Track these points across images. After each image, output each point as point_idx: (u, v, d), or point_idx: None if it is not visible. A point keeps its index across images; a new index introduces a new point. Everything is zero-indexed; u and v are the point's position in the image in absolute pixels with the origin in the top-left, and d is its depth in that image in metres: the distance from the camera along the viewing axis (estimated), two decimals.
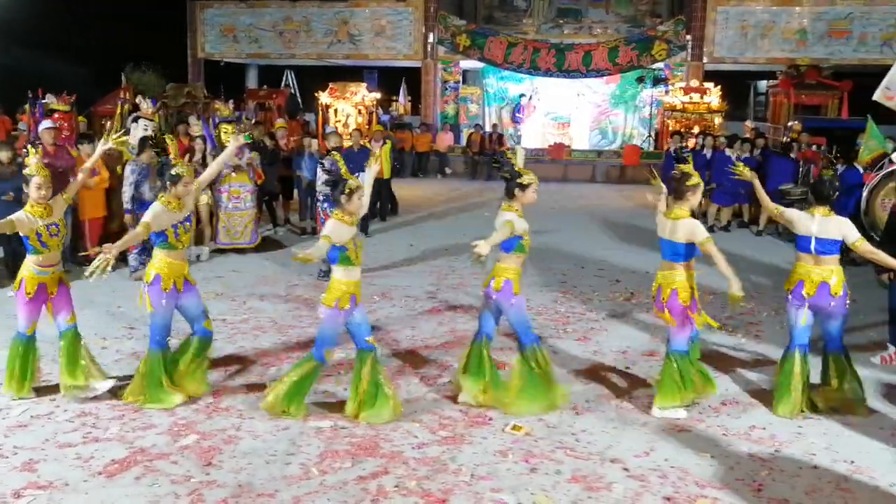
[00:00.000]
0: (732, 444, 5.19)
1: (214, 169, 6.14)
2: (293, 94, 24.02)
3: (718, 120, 20.93)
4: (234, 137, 6.40)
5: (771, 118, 21.80)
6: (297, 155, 12.78)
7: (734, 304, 5.53)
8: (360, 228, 5.64)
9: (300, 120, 20.40)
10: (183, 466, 4.73)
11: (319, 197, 9.55)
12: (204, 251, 10.45)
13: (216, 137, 11.00)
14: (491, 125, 24.01)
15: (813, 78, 20.69)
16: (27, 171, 5.57)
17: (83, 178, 6.05)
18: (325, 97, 21.63)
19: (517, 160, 5.64)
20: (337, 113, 21.56)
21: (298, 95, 25.01)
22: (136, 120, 11.16)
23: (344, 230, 5.22)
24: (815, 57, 21.70)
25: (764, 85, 26.06)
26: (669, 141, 15.89)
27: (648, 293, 8.96)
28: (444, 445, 5.06)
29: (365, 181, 5.63)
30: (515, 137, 25.20)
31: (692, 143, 16.23)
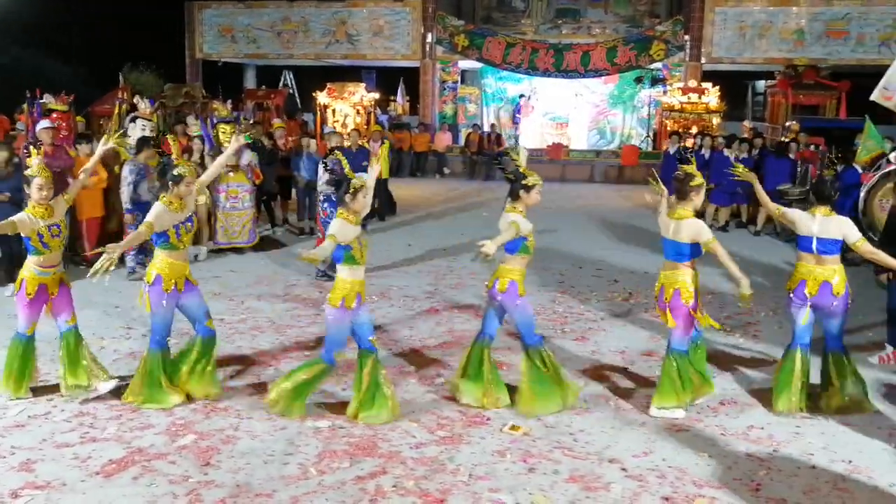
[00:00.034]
0: (730, 443, 5.19)
1: (215, 169, 6.13)
2: (291, 94, 24.00)
3: (716, 120, 20.94)
4: (234, 138, 6.39)
5: (769, 118, 21.80)
6: (295, 155, 12.78)
7: (745, 302, 5.52)
8: None
9: (298, 120, 20.39)
10: (181, 466, 4.72)
11: (320, 197, 9.54)
12: (202, 251, 10.45)
13: (214, 137, 11.00)
14: (489, 125, 24.01)
15: (811, 78, 20.70)
16: (29, 171, 5.56)
17: (84, 178, 6.02)
18: (323, 97, 21.63)
19: (521, 160, 5.64)
20: (335, 113, 21.55)
21: (297, 95, 25.00)
22: (133, 120, 11.16)
23: (349, 229, 5.23)
24: (812, 57, 21.72)
25: (762, 85, 26.07)
26: (667, 141, 15.89)
27: (647, 293, 9.02)
28: (442, 445, 5.06)
29: (368, 180, 5.63)
30: (514, 137, 25.22)
31: (690, 143, 16.23)
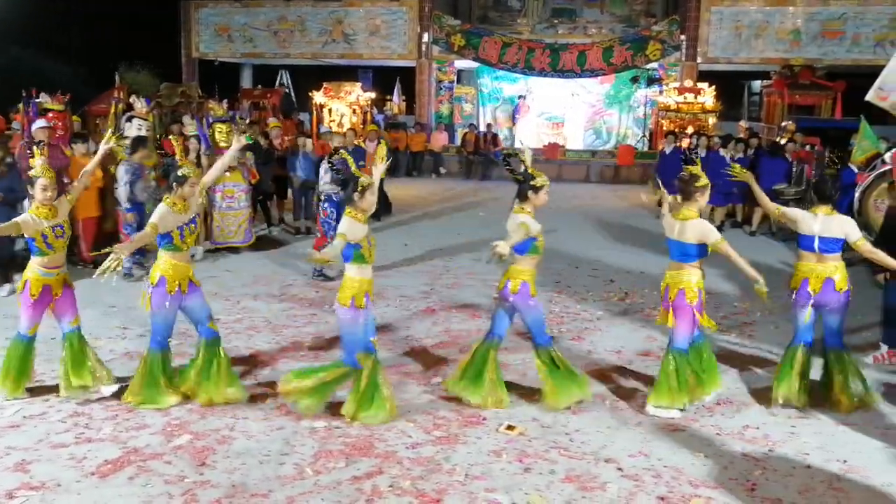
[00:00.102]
0: (726, 443, 5.20)
1: (217, 170, 6.10)
2: (288, 93, 23.97)
3: (712, 120, 20.96)
4: (236, 138, 6.39)
5: (765, 118, 21.83)
6: (291, 155, 12.76)
7: (763, 299, 5.52)
8: None
9: (295, 119, 20.38)
10: (176, 467, 4.71)
11: (321, 197, 9.53)
12: (198, 251, 10.43)
13: (210, 137, 10.99)
14: (485, 125, 24.03)
15: (807, 78, 20.73)
16: (33, 172, 5.55)
17: (87, 179, 6.01)
18: (319, 97, 21.62)
19: (527, 161, 5.66)
20: (331, 112, 21.54)
21: (293, 94, 24.99)
22: (130, 119, 11.14)
23: (358, 228, 5.24)
24: (808, 57, 21.76)
25: (758, 85, 26.11)
26: (663, 141, 15.90)
27: (643, 293, 9.06)
28: (438, 445, 5.06)
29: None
30: (510, 137, 25.24)
31: (686, 143, 16.25)
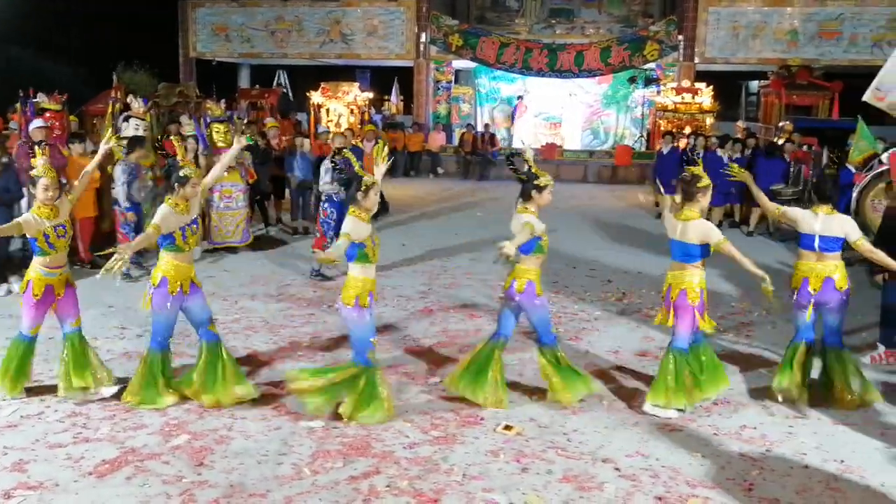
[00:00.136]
0: (723, 443, 5.20)
1: (218, 171, 6.08)
2: (285, 93, 23.95)
3: (710, 120, 20.97)
4: (236, 139, 6.38)
5: (762, 118, 21.87)
6: (288, 155, 12.75)
7: (769, 298, 5.52)
8: None
9: (292, 119, 20.36)
10: (174, 467, 4.71)
11: (322, 197, 9.53)
12: (196, 251, 10.40)
13: (207, 137, 10.98)
14: (483, 125, 24.03)
15: (804, 78, 20.77)
16: (35, 172, 5.53)
17: (87, 179, 6.00)
18: (317, 97, 21.60)
19: (530, 160, 5.68)
20: (329, 112, 21.53)
21: (290, 94, 24.97)
22: (127, 119, 11.13)
23: (362, 227, 5.24)
24: (806, 57, 21.79)
25: (755, 85, 26.15)
26: (661, 141, 15.91)
27: (640, 293, 9.06)
28: (435, 445, 5.07)
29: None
30: (508, 138, 25.27)
31: (684, 143, 16.26)
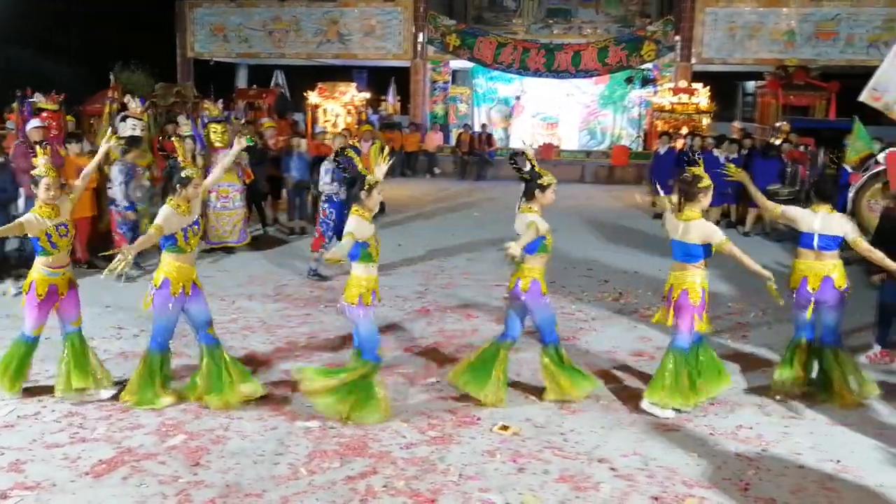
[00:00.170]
0: (720, 443, 5.21)
1: (219, 172, 6.09)
2: (283, 93, 23.92)
3: (707, 120, 21.00)
4: (236, 140, 6.37)
5: (759, 119, 21.90)
6: (285, 155, 12.75)
7: (775, 296, 5.54)
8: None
9: (289, 119, 20.36)
10: (171, 467, 4.71)
11: (322, 197, 9.54)
12: None
13: (205, 137, 10.98)
14: (480, 125, 24.04)
15: (801, 79, 20.80)
16: (36, 171, 5.52)
17: (87, 179, 6.00)
18: (314, 97, 21.60)
19: (533, 159, 5.70)
20: (326, 113, 21.52)
21: (288, 94, 24.95)
22: (124, 119, 11.12)
23: (365, 226, 5.25)
24: (802, 58, 21.81)
25: (752, 86, 26.17)
26: (658, 142, 15.92)
27: (637, 293, 9.08)
28: (432, 445, 5.07)
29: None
30: (505, 138, 25.29)
31: (680, 143, 16.28)
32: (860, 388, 5.83)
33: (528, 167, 5.67)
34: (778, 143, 14.54)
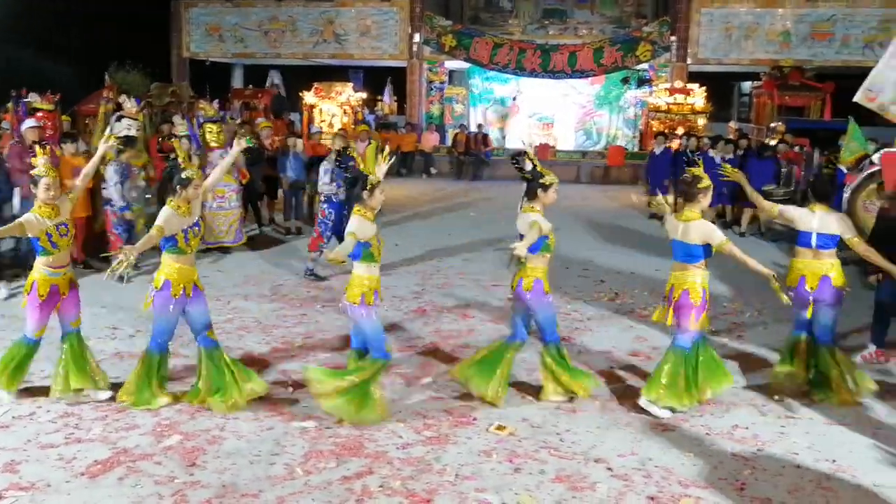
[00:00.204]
0: (716, 443, 5.22)
1: (219, 173, 6.06)
2: (279, 93, 23.88)
3: (702, 121, 21.00)
4: (236, 141, 6.36)
5: (755, 119, 21.93)
6: (281, 155, 12.74)
7: (778, 294, 5.54)
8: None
9: (285, 119, 20.33)
10: (166, 467, 4.70)
11: (321, 198, 9.54)
12: None
13: (200, 137, 10.96)
14: (476, 125, 24.04)
15: (796, 79, 20.84)
16: (36, 171, 5.50)
17: (86, 178, 5.98)
18: (310, 97, 21.58)
19: (535, 159, 5.72)
20: (322, 113, 21.50)
21: (283, 93, 24.91)
22: (119, 119, 11.10)
23: (367, 226, 5.25)
24: (798, 58, 21.87)
25: (748, 86, 26.21)
26: (653, 142, 15.94)
27: (633, 293, 9.08)
28: (428, 445, 5.07)
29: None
30: (502, 138, 25.30)
31: (676, 144, 16.29)
32: (857, 385, 5.87)
33: (529, 167, 5.68)
34: (773, 143, 14.56)
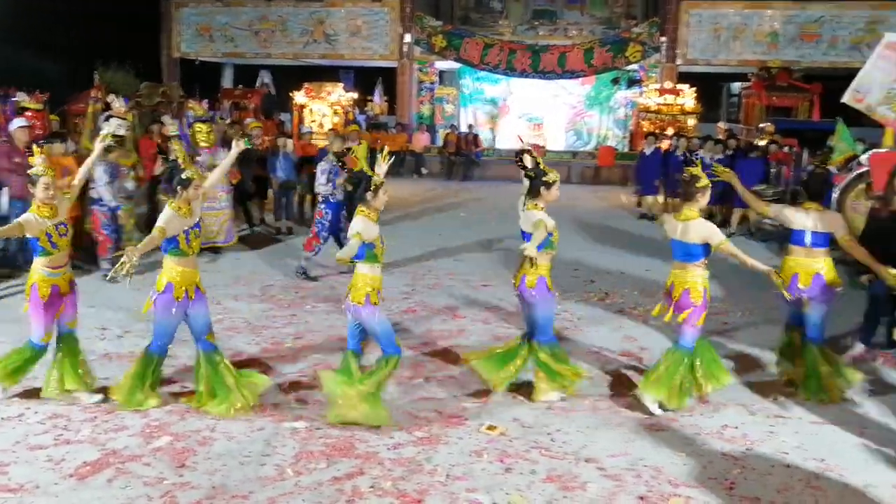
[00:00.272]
0: (706, 443, 5.23)
1: (218, 174, 6.03)
2: (270, 93, 23.82)
3: (692, 121, 21.09)
4: (235, 143, 6.32)
5: (743, 120, 22.03)
6: (271, 155, 12.71)
7: (781, 288, 5.61)
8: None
9: (275, 120, 20.29)
10: (156, 468, 4.68)
11: (319, 198, 9.53)
12: None
13: (190, 137, 10.93)
14: (467, 126, 24.05)
15: (784, 80, 20.95)
16: (34, 171, 5.46)
17: (84, 178, 5.95)
18: (300, 97, 21.54)
19: (531, 160, 5.73)
20: (312, 113, 21.47)
21: (273, 93, 24.86)
22: (108, 119, 11.05)
23: (371, 227, 5.25)
24: (786, 59, 21.99)
25: (737, 87, 26.32)
26: (643, 142, 15.98)
27: (623, 293, 9.10)
28: (419, 446, 5.06)
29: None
30: (492, 138, 25.32)
31: (666, 144, 16.33)
32: (847, 381, 5.96)
33: (531, 165, 5.69)
34: (762, 143, 14.62)
